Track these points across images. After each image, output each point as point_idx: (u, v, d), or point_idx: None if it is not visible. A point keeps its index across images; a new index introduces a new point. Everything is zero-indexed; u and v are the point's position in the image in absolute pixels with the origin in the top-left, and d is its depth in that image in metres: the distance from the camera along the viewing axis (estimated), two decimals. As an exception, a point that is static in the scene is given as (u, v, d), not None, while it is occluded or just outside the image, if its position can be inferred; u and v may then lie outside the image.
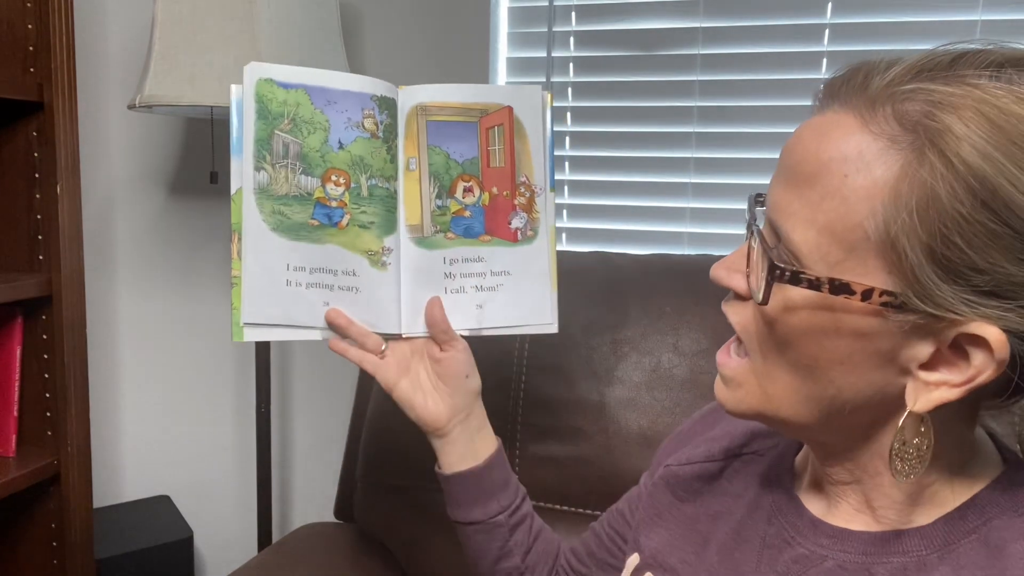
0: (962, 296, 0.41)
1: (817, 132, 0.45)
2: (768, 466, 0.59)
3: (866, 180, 0.42)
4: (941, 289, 0.41)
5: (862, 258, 0.43)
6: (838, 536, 0.50)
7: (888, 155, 0.42)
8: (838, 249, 0.43)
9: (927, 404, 0.43)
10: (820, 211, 0.44)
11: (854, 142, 0.43)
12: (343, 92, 0.74)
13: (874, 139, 0.42)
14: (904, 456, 0.45)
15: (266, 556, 1.07)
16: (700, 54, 1.33)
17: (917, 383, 0.44)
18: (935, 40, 1.33)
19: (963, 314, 0.41)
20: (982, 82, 0.41)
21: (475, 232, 0.79)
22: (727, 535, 0.57)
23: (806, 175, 0.45)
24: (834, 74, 0.47)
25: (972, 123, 0.40)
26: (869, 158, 0.42)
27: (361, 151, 0.75)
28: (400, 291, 0.77)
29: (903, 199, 0.41)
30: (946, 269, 0.41)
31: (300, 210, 0.74)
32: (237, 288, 0.73)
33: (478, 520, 0.76)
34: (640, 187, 1.39)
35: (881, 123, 0.42)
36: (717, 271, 0.52)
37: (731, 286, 0.51)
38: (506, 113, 0.79)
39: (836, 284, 0.43)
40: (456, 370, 0.77)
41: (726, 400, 0.52)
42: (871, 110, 0.43)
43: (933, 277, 0.41)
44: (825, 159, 0.44)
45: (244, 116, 0.72)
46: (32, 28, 1.08)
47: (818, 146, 0.44)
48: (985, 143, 0.39)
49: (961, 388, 0.42)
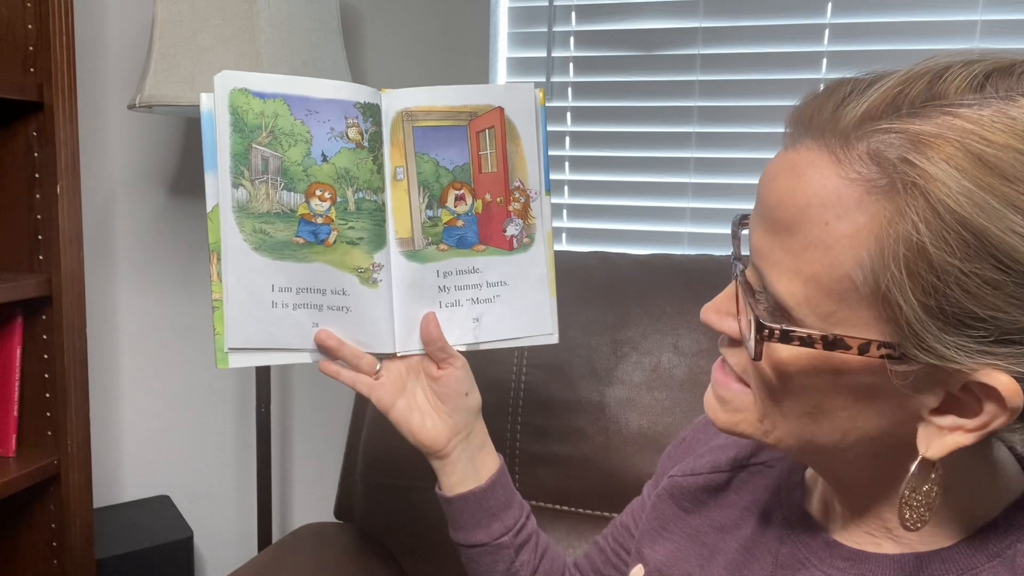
0: (966, 346, 0.38)
1: (791, 172, 0.42)
2: (777, 479, 0.58)
3: (848, 228, 0.40)
4: (942, 341, 0.38)
5: (854, 309, 0.40)
6: (854, 559, 0.49)
7: (867, 201, 0.39)
8: (828, 301, 0.41)
9: (941, 450, 0.41)
10: (804, 262, 0.41)
11: (831, 186, 0.40)
12: (324, 100, 0.69)
13: (851, 183, 0.40)
14: (913, 504, 0.42)
15: (266, 556, 1.07)
16: (700, 54, 1.33)
17: (929, 428, 0.42)
18: (935, 40, 1.33)
19: (967, 365, 0.38)
20: (964, 109, 0.38)
21: (469, 242, 0.75)
22: (735, 550, 0.56)
23: (785, 222, 0.42)
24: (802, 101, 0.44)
25: (954, 163, 0.37)
26: (849, 204, 0.40)
27: (346, 163, 0.70)
28: (393, 308, 0.74)
29: (888, 251, 0.38)
30: (945, 321, 0.38)
31: (283, 228, 0.69)
32: (219, 312, 0.69)
33: (482, 542, 0.74)
34: (640, 187, 1.39)
35: (856, 164, 0.40)
36: (707, 315, 0.49)
37: (723, 330, 0.49)
38: (497, 115, 0.75)
39: (830, 340, 0.41)
40: (455, 388, 0.73)
41: (720, 420, 0.50)
42: (845, 148, 0.40)
43: (932, 329, 0.38)
44: (803, 204, 0.41)
45: (218, 129, 0.68)
46: (32, 28, 1.08)
47: (794, 189, 0.42)
48: (971, 185, 0.37)
49: (976, 433, 0.40)
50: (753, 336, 0.43)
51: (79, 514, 1.18)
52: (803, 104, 0.44)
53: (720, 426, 0.50)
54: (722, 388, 0.50)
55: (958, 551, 0.46)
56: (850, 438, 0.44)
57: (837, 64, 1.27)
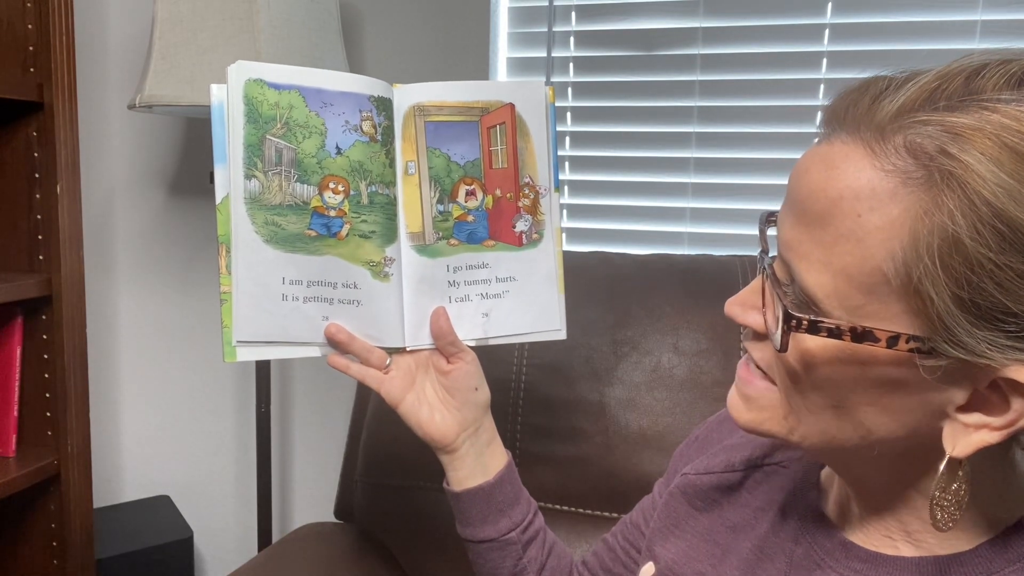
0: (996, 341, 0.38)
1: (825, 164, 0.42)
2: (792, 479, 0.57)
3: (881, 220, 0.39)
4: (972, 335, 0.38)
5: (884, 302, 0.40)
6: (872, 562, 0.48)
7: (902, 193, 0.39)
8: (857, 293, 0.41)
9: (967, 448, 0.40)
10: (835, 254, 0.41)
11: (865, 178, 0.40)
12: (339, 93, 0.69)
13: (886, 175, 0.39)
14: (944, 504, 0.42)
15: (266, 556, 1.07)
16: (700, 54, 1.33)
17: (955, 426, 0.41)
18: (935, 40, 1.33)
19: (997, 360, 0.38)
20: (1001, 105, 0.38)
21: (479, 237, 0.75)
22: (749, 550, 0.56)
23: (817, 213, 0.42)
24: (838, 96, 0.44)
25: (992, 155, 0.37)
26: (883, 196, 0.39)
27: (360, 156, 0.70)
28: (403, 302, 0.74)
29: (923, 242, 0.38)
30: (976, 315, 0.38)
31: (296, 220, 0.69)
32: (227, 305, 0.68)
33: (490, 538, 0.74)
34: (640, 187, 1.39)
35: (892, 157, 0.39)
36: (731, 308, 0.49)
37: (747, 324, 0.48)
38: (508, 111, 0.75)
39: (858, 332, 0.40)
40: (465, 383, 0.73)
41: (743, 419, 0.50)
42: (880, 141, 0.40)
43: (963, 323, 0.38)
44: (835, 196, 0.41)
45: (230, 120, 0.67)
46: (32, 28, 1.08)
47: (827, 181, 0.41)
48: (1008, 178, 0.36)
49: (1002, 432, 0.40)
50: (780, 327, 0.43)
51: (79, 514, 1.17)
52: (837, 99, 0.44)
53: (743, 425, 0.50)
54: (746, 386, 0.49)
55: (978, 554, 0.45)
56: (874, 435, 0.44)
57: (837, 64, 1.27)
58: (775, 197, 1.32)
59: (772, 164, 1.32)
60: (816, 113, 1.29)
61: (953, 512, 0.42)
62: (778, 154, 1.32)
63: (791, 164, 1.46)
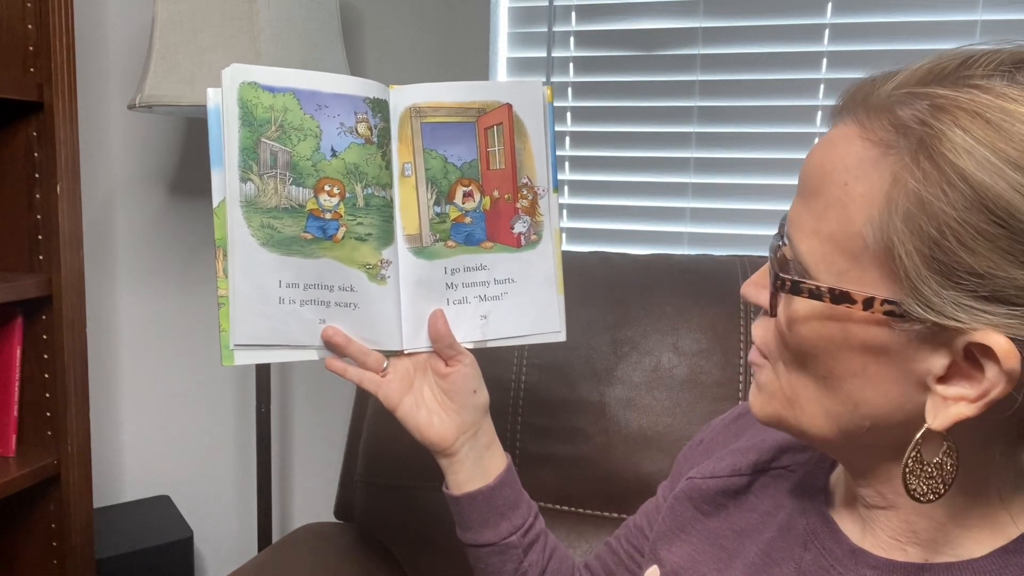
0: (963, 303, 0.39)
1: (824, 145, 0.46)
2: (800, 484, 0.57)
3: (864, 188, 0.42)
4: (941, 295, 0.40)
5: (864, 268, 0.42)
6: (882, 568, 0.48)
7: (883, 162, 0.41)
8: (841, 259, 0.43)
9: (945, 421, 0.41)
10: (824, 221, 0.44)
11: (854, 150, 0.43)
12: (334, 95, 0.69)
13: (872, 146, 0.42)
14: (920, 475, 0.43)
15: (266, 556, 1.07)
16: (700, 54, 1.33)
17: (935, 399, 0.42)
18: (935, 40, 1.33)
19: (966, 322, 0.39)
20: (985, 82, 0.40)
21: (476, 239, 0.75)
22: (756, 554, 0.55)
23: (812, 187, 0.45)
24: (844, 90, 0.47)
25: (968, 125, 0.39)
26: (867, 165, 0.42)
27: (356, 158, 0.70)
28: (400, 305, 0.73)
29: (896, 205, 0.41)
30: (944, 274, 0.40)
31: (292, 223, 0.68)
32: (225, 308, 0.68)
33: (490, 542, 0.73)
34: (640, 187, 1.39)
35: (878, 130, 0.42)
36: (746, 289, 0.52)
37: (757, 302, 0.51)
38: (505, 111, 0.75)
39: (836, 293, 0.43)
40: (463, 385, 0.73)
41: (755, 406, 0.52)
42: (871, 117, 0.43)
43: (931, 283, 0.40)
44: (828, 169, 0.44)
45: (225, 123, 0.67)
46: (32, 28, 1.08)
47: (823, 157, 0.45)
48: (977, 144, 0.38)
49: (977, 404, 0.41)
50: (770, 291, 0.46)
51: (79, 514, 1.17)
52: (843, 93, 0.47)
53: (757, 414, 0.51)
54: (754, 368, 0.52)
55: (990, 561, 0.45)
56: (863, 410, 0.45)
57: (837, 64, 1.27)
58: (775, 197, 1.32)
59: (772, 164, 1.32)
60: (816, 113, 1.29)
61: (936, 485, 0.43)
62: (778, 154, 1.32)
63: (791, 164, 1.47)
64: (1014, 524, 0.46)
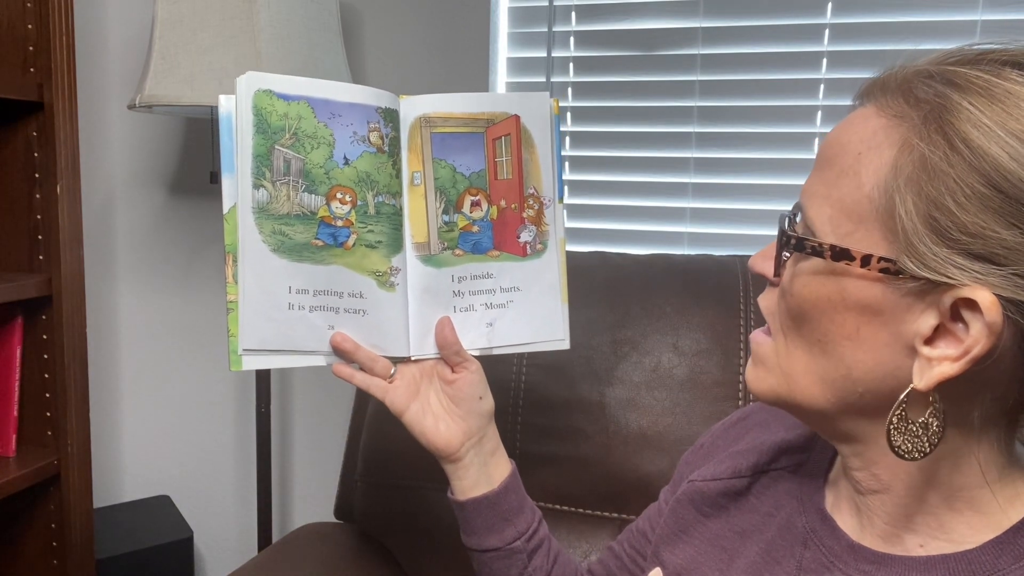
0: (955, 260, 0.42)
1: (843, 124, 0.48)
2: (799, 484, 0.58)
3: (875, 156, 0.45)
4: (934, 252, 0.42)
5: (869, 229, 0.45)
6: (880, 562, 0.49)
7: (895, 130, 0.44)
8: (847, 221, 0.45)
9: (929, 381, 0.43)
10: (835, 188, 0.46)
11: (871, 125, 0.46)
12: (348, 104, 0.70)
13: (888, 120, 0.45)
14: (905, 432, 0.45)
15: (266, 556, 1.07)
16: (700, 54, 1.33)
17: (922, 361, 0.44)
18: (935, 40, 1.33)
19: (956, 278, 0.42)
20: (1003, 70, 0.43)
21: (483, 248, 0.76)
22: (757, 554, 0.56)
23: (828, 158, 0.48)
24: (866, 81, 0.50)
25: (978, 100, 0.42)
26: (880, 136, 0.45)
27: (367, 167, 0.71)
28: (408, 312, 0.74)
29: (901, 168, 0.43)
30: (939, 233, 0.42)
31: (303, 230, 0.69)
32: (234, 313, 0.68)
33: (495, 547, 0.74)
34: (640, 187, 1.39)
35: (893, 105, 0.45)
36: (754, 260, 0.54)
37: (763, 271, 0.53)
38: (513, 122, 0.76)
39: (837, 250, 0.45)
40: (469, 392, 0.74)
41: (751, 378, 0.53)
42: (887, 96, 0.46)
43: (927, 240, 0.42)
44: (844, 142, 0.47)
45: (238, 130, 0.67)
46: (32, 28, 1.08)
47: (841, 133, 0.48)
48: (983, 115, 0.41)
49: (960, 362, 0.42)
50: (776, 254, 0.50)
51: (79, 514, 1.17)
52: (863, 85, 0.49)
53: (756, 390, 0.53)
54: (754, 343, 0.53)
55: (984, 552, 0.46)
56: (855, 374, 0.47)
57: (837, 64, 1.27)
58: (775, 197, 1.32)
59: (772, 164, 1.32)
60: (816, 113, 1.29)
61: (921, 444, 0.45)
62: (778, 154, 1.32)
63: (791, 164, 1.47)
64: (1002, 511, 0.47)
